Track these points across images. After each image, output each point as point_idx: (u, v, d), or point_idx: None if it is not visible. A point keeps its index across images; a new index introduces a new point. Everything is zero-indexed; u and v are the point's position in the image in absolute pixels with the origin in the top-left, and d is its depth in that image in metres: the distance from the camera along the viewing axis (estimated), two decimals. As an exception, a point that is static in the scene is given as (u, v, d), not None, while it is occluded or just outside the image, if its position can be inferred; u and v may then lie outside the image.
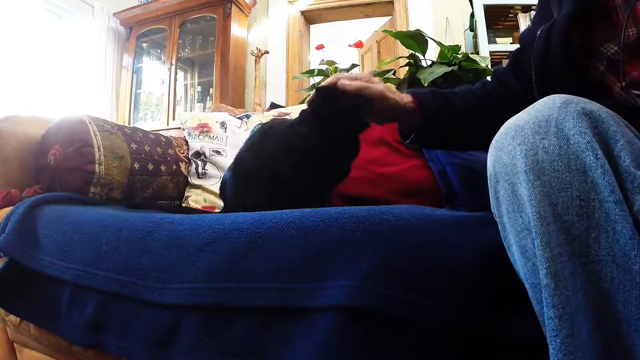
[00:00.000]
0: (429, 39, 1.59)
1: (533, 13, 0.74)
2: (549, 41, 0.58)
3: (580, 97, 0.38)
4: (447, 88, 0.81)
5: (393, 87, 0.74)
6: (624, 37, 0.53)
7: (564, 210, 0.33)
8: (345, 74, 0.74)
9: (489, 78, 0.82)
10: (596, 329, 0.31)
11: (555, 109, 0.37)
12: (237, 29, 3.21)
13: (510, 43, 2.63)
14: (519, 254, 0.37)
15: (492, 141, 0.41)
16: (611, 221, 0.32)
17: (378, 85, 0.70)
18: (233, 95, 3.09)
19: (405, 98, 0.73)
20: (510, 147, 0.38)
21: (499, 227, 0.40)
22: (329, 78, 0.73)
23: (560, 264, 0.33)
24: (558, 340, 0.32)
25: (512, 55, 0.75)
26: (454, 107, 0.73)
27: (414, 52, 1.62)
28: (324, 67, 1.90)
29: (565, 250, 0.33)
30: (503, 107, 0.70)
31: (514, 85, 0.71)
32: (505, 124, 0.41)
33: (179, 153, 1.28)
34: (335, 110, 0.72)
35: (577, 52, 0.58)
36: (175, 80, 3.26)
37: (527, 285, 0.37)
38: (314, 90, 0.73)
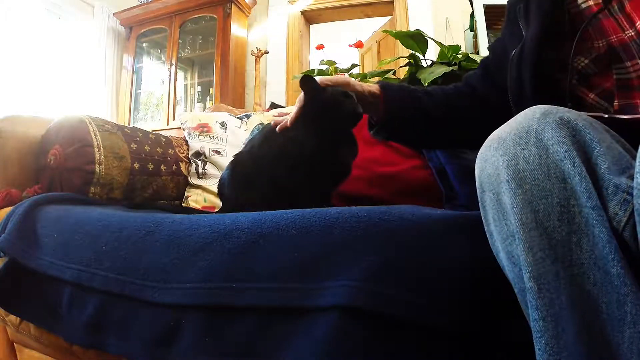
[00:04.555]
0: (429, 39, 1.59)
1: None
2: (521, 68, 0.60)
3: (559, 107, 0.40)
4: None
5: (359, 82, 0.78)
6: (594, 50, 0.54)
7: (545, 217, 0.35)
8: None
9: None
10: (582, 330, 0.32)
11: (535, 120, 0.38)
12: (237, 29, 3.21)
13: (510, 43, 2.62)
14: (506, 260, 0.38)
15: (478, 153, 0.43)
16: (590, 226, 0.33)
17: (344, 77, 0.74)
18: (233, 95, 3.09)
19: (372, 87, 0.75)
20: (494, 159, 0.39)
21: (487, 235, 0.41)
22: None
23: (543, 268, 0.34)
24: (543, 341, 0.33)
25: (482, 62, 0.77)
26: (421, 105, 0.74)
27: (414, 52, 1.62)
28: (324, 67, 1.90)
29: (548, 255, 0.34)
30: (473, 113, 0.73)
31: (485, 93, 0.73)
32: (489, 136, 0.42)
33: (179, 153, 1.28)
34: (321, 103, 0.73)
35: (550, 65, 0.59)
36: (175, 80, 3.25)
37: (515, 290, 0.38)
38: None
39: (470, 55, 1.56)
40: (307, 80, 0.74)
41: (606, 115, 0.52)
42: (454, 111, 0.74)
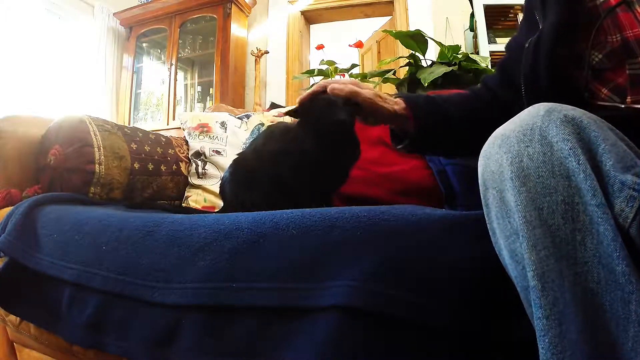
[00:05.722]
0: (429, 39, 1.59)
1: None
2: (537, 56, 0.59)
3: (563, 105, 0.39)
4: (447, 88, 0.81)
5: (383, 93, 0.73)
6: (608, 45, 0.53)
7: (549, 214, 0.34)
8: (335, 79, 0.75)
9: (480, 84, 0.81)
10: (585, 329, 0.31)
11: (539, 118, 0.38)
12: (237, 29, 3.20)
13: (511, 43, 2.61)
14: (509, 258, 0.38)
15: (481, 151, 0.42)
16: (595, 224, 0.33)
17: (368, 91, 0.70)
18: (233, 95, 3.09)
19: (397, 105, 0.72)
20: (498, 156, 0.39)
21: (490, 233, 0.41)
22: (318, 83, 0.74)
23: (547, 266, 0.33)
24: (546, 340, 0.32)
25: (498, 64, 0.75)
26: (447, 114, 0.73)
27: (414, 52, 1.62)
28: (324, 67, 1.90)
29: (552, 253, 0.34)
30: (492, 116, 0.71)
31: (503, 94, 0.71)
32: (493, 133, 0.42)
33: (179, 153, 1.28)
34: (311, 116, 0.73)
35: (563, 61, 0.58)
36: (175, 80, 3.25)
37: (518, 288, 0.38)
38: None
39: (470, 55, 1.56)
40: (293, 112, 0.75)
41: (623, 106, 0.52)
42: (475, 114, 0.73)
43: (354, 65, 1.97)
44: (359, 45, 2.33)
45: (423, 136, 0.73)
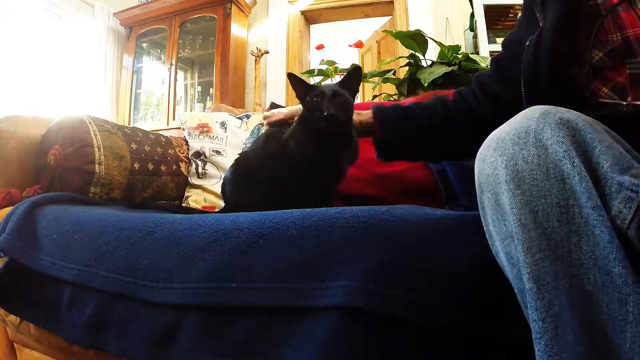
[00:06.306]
0: (429, 39, 1.59)
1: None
2: (537, 54, 0.59)
3: (558, 107, 0.39)
4: (447, 88, 0.81)
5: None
6: (609, 44, 0.54)
7: (544, 217, 0.34)
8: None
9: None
10: (582, 331, 0.31)
11: (534, 120, 0.38)
12: (237, 29, 3.20)
13: (510, 43, 2.61)
14: (505, 261, 0.38)
15: (477, 154, 0.42)
16: (590, 226, 0.33)
17: None
18: (233, 95, 3.09)
19: (365, 116, 0.78)
20: (493, 159, 0.39)
21: (487, 236, 0.41)
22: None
23: (542, 269, 0.33)
24: (542, 342, 0.32)
25: (493, 59, 0.75)
26: (416, 120, 0.76)
27: (414, 52, 1.62)
28: (324, 67, 1.90)
29: (547, 255, 0.34)
30: (488, 114, 0.71)
31: (498, 91, 0.71)
32: (488, 136, 0.42)
33: (179, 153, 1.28)
34: (305, 108, 0.75)
35: (564, 59, 0.59)
36: (175, 80, 3.25)
37: (515, 290, 0.38)
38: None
39: (470, 55, 1.56)
40: (292, 78, 0.75)
41: (624, 103, 0.52)
42: (459, 120, 0.74)
43: (353, 65, 1.97)
44: (359, 45, 2.33)
45: (389, 142, 0.78)
